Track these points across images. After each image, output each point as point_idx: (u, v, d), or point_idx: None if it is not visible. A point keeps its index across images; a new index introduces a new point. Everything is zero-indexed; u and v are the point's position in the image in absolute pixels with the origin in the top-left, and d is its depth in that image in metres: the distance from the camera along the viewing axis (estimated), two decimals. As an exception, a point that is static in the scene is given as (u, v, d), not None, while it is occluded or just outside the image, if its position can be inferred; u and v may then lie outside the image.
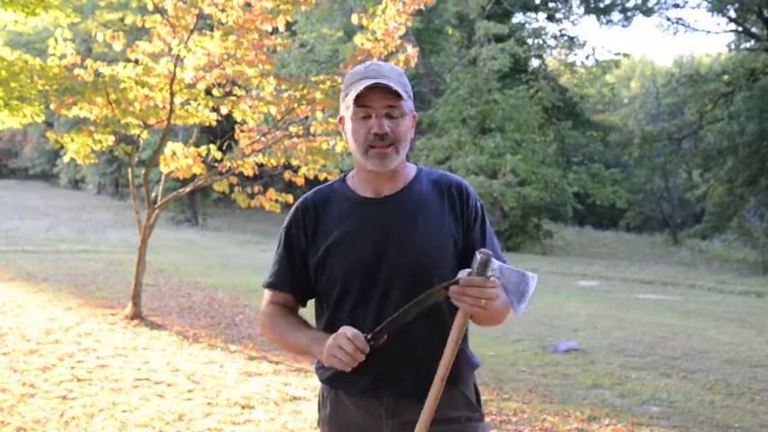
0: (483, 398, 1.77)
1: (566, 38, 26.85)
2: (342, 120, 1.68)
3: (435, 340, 1.56)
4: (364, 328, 1.58)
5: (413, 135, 1.69)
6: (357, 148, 1.61)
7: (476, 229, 1.69)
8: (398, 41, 6.74)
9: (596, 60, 26.49)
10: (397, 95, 1.57)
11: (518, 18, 26.92)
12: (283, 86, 6.79)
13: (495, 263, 1.48)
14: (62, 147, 7.03)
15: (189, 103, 6.98)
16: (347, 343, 1.50)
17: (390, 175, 1.65)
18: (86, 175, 32.41)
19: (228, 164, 6.89)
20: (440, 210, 1.66)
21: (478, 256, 1.47)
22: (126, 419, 3.85)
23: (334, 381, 1.66)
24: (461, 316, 1.50)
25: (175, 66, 6.37)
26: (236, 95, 7.11)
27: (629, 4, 25.08)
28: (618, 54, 26.70)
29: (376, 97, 1.57)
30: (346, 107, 1.63)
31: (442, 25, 24.87)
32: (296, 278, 1.71)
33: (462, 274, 1.49)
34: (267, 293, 1.77)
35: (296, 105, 6.80)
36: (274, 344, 1.90)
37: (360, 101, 1.58)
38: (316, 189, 1.75)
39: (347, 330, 1.52)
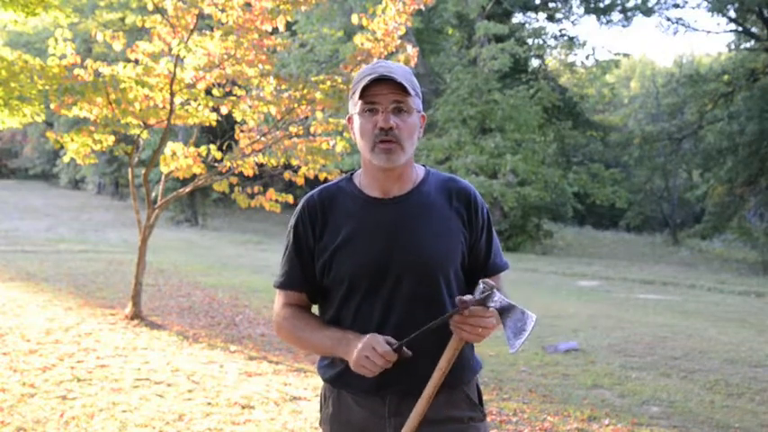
0: (483, 398, 1.78)
1: (566, 38, 26.87)
2: (350, 119, 1.67)
3: (438, 341, 1.57)
4: (369, 327, 1.59)
5: (421, 135, 1.68)
6: (364, 145, 1.60)
7: (483, 239, 1.71)
8: (398, 41, 6.74)
9: (596, 60, 26.52)
10: (404, 91, 1.56)
11: (518, 18, 26.98)
12: (283, 86, 6.79)
13: (497, 295, 1.51)
14: (62, 147, 7.03)
15: (189, 103, 6.98)
16: (379, 358, 1.51)
17: (398, 175, 1.65)
18: (86, 175, 32.41)
19: (228, 164, 6.89)
20: (447, 213, 1.66)
21: (481, 286, 1.50)
22: (126, 419, 3.85)
23: (337, 380, 1.65)
24: (456, 341, 1.54)
25: (175, 66, 6.37)
26: (236, 95, 7.11)
27: (629, 4, 25.13)
28: (618, 54, 26.68)
29: (383, 92, 1.56)
30: (354, 104, 1.62)
31: (442, 25, 24.87)
32: (307, 277, 1.69)
33: (465, 298, 1.51)
34: (279, 294, 1.74)
35: (296, 105, 6.80)
36: (291, 345, 1.90)
37: (367, 96, 1.57)
38: (322, 187, 1.73)
39: (378, 346, 1.52)
